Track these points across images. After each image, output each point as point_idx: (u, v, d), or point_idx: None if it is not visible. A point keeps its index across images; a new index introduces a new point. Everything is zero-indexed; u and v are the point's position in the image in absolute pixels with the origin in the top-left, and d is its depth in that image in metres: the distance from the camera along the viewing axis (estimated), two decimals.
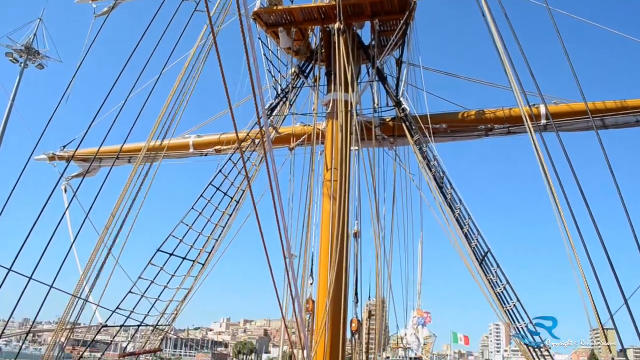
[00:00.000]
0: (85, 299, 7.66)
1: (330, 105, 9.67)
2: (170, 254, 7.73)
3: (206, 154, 12.02)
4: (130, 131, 7.16)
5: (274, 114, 10.01)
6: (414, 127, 9.73)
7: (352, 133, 9.38)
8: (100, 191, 6.87)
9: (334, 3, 9.35)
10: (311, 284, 9.04)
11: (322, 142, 10.00)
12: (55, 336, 8.23)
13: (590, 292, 6.25)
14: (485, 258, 8.29)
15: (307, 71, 10.61)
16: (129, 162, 11.95)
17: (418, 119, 9.91)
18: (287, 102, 10.18)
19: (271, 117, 9.89)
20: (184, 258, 7.92)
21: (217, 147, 11.51)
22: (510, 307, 7.89)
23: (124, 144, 8.47)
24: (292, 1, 10.71)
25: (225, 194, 8.54)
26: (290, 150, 10.56)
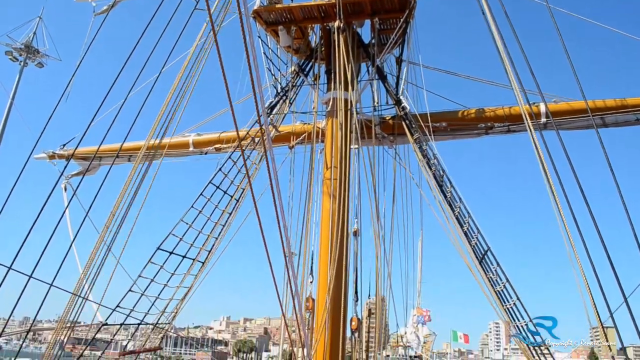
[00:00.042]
0: (85, 298, 7.67)
1: (330, 103, 9.66)
2: (171, 253, 7.73)
3: (206, 153, 12.02)
4: (130, 130, 7.18)
5: (273, 112, 10.01)
6: (414, 126, 9.72)
7: (352, 131, 9.37)
8: (100, 190, 6.89)
9: (334, 1, 9.33)
10: (311, 283, 9.04)
11: (322, 141, 9.99)
12: (56, 335, 8.23)
13: (590, 290, 6.24)
14: (485, 256, 8.29)
15: (307, 70, 10.61)
16: (129, 160, 11.94)
17: (418, 117, 9.89)
18: (287, 101, 10.17)
19: (271, 116, 9.89)
20: (184, 256, 7.92)
21: (217, 146, 11.50)
22: (510, 305, 7.89)
23: (123, 142, 8.47)
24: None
25: (225, 192, 8.54)
26: (290, 148, 10.55)
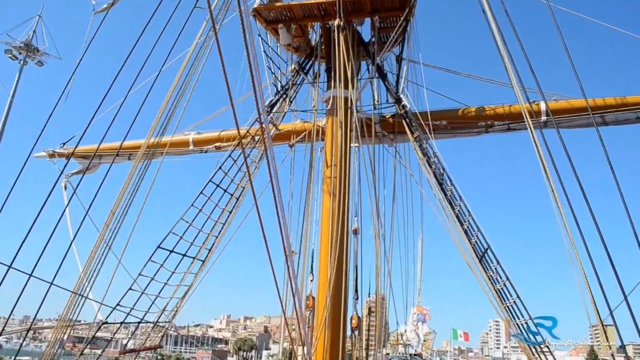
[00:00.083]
0: (85, 296, 7.67)
1: (330, 102, 9.65)
2: (171, 251, 7.73)
3: (206, 151, 12.02)
4: (130, 128, 7.15)
5: (274, 110, 10.00)
6: (414, 124, 9.72)
7: (352, 130, 9.36)
8: (100, 188, 6.89)
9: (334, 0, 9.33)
10: (311, 281, 9.04)
11: (322, 139, 9.99)
12: (56, 333, 8.23)
13: (589, 288, 6.23)
14: (485, 254, 8.29)
15: (307, 68, 10.59)
16: (129, 159, 11.93)
17: (418, 115, 9.88)
18: (287, 99, 10.17)
19: (271, 114, 9.88)
20: (184, 255, 7.92)
21: (217, 144, 11.50)
22: (510, 303, 7.89)
23: (123, 141, 8.44)
24: None
25: (225, 190, 8.54)
26: (290, 147, 10.54)
